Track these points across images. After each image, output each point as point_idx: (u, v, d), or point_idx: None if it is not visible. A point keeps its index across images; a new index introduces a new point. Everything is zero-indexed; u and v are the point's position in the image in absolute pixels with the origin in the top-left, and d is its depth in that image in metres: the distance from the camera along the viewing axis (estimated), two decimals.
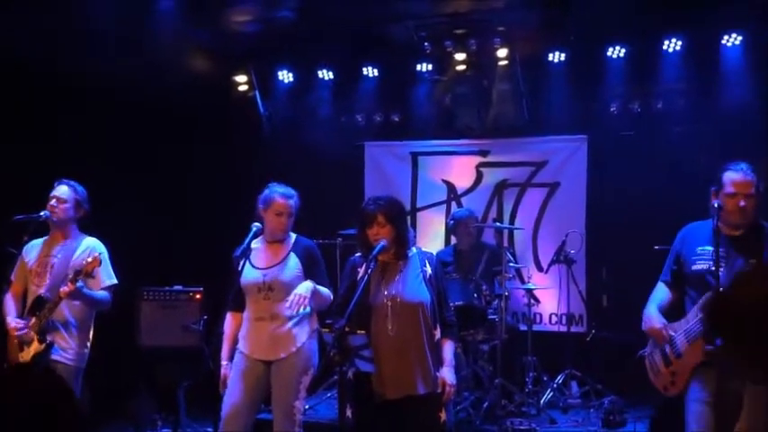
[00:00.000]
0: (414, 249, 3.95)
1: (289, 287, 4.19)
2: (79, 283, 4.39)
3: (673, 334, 3.79)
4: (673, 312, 3.92)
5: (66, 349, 4.56)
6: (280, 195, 4.31)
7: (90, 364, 4.71)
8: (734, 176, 3.71)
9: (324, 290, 4.23)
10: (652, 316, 3.89)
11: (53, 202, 4.64)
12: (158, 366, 6.42)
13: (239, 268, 4.17)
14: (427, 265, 3.87)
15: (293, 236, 4.40)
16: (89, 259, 4.45)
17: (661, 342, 3.83)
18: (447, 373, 3.78)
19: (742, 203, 3.67)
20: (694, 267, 3.79)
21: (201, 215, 7.66)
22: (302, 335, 4.25)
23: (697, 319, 3.67)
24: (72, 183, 4.71)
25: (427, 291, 3.80)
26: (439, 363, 3.79)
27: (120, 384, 6.30)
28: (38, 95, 6.24)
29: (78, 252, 4.65)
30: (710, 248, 3.69)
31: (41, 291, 4.58)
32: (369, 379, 3.67)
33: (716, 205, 3.69)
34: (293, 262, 4.27)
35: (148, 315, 6.47)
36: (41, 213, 4.62)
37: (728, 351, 2.37)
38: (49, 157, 6.07)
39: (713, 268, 3.63)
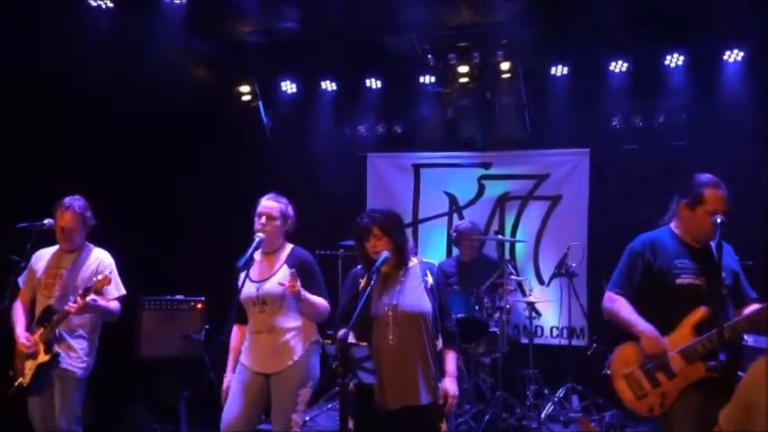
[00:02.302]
0: (415, 260, 3.95)
1: (281, 300, 4.17)
2: (89, 298, 4.42)
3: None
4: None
5: (74, 358, 4.59)
6: (264, 198, 4.31)
7: (91, 373, 4.71)
8: (718, 194, 3.68)
9: (317, 299, 4.18)
10: (658, 336, 3.64)
11: (64, 232, 4.66)
12: (159, 376, 6.40)
13: (241, 282, 4.15)
14: (428, 275, 3.87)
15: (289, 247, 4.36)
16: (99, 277, 4.47)
17: (656, 360, 3.64)
18: (449, 384, 3.77)
19: (720, 221, 3.62)
20: (679, 281, 3.69)
21: (204, 224, 7.67)
22: (300, 347, 4.22)
23: (697, 339, 3.55)
24: (75, 203, 4.70)
25: (429, 301, 3.79)
26: (441, 373, 3.78)
27: (120, 394, 6.28)
28: (41, 106, 6.26)
29: (87, 264, 4.70)
30: (688, 262, 3.69)
31: (51, 301, 4.59)
32: (371, 390, 3.66)
33: (718, 221, 3.61)
34: (284, 274, 4.16)
35: (149, 325, 6.47)
36: (45, 222, 4.63)
37: None
38: (53, 165, 6.09)
39: (697, 282, 3.64)
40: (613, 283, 3.93)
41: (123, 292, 4.78)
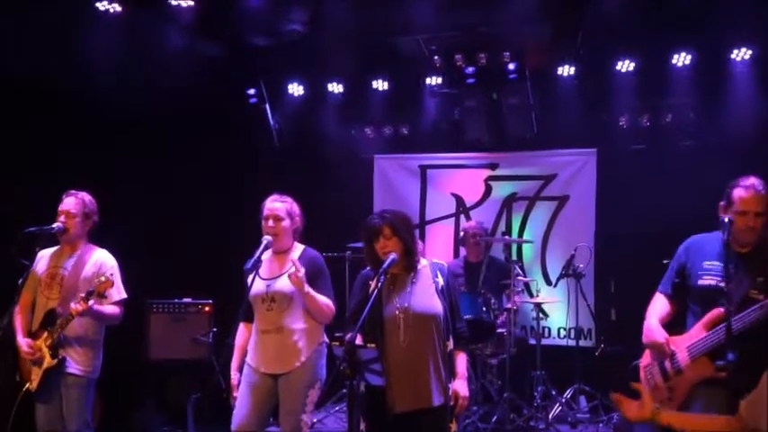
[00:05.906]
0: (425, 261, 3.94)
1: (291, 298, 4.18)
2: (90, 302, 4.40)
3: (674, 348, 3.71)
4: (672, 325, 3.85)
5: (79, 362, 4.57)
6: (269, 200, 4.32)
7: (100, 376, 4.71)
8: (744, 194, 3.61)
9: (322, 298, 4.16)
10: (653, 329, 3.80)
11: (62, 217, 4.63)
12: (167, 379, 6.42)
13: (250, 281, 4.15)
14: (439, 276, 3.86)
15: (300, 247, 4.36)
16: (102, 279, 4.46)
17: (662, 356, 3.76)
18: (460, 386, 3.78)
19: (752, 222, 3.59)
20: (701, 282, 3.72)
21: (211, 227, 7.68)
22: (308, 348, 4.22)
23: (703, 336, 3.60)
24: (80, 194, 4.69)
25: (440, 302, 3.78)
26: (452, 374, 3.78)
27: (129, 397, 6.30)
28: (43, 108, 6.29)
29: (89, 266, 4.65)
30: (718, 264, 3.62)
31: (52, 304, 4.58)
32: (380, 393, 3.66)
33: (726, 220, 3.59)
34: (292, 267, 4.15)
35: (157, 327, 6.49)
36: (54, 225, 4.62)
37: None
38: (61, 167, 6.11)
39: (721, 285, 3.53)
40: (660, 282, 4.02)
41: (124, 295, 4.72)
